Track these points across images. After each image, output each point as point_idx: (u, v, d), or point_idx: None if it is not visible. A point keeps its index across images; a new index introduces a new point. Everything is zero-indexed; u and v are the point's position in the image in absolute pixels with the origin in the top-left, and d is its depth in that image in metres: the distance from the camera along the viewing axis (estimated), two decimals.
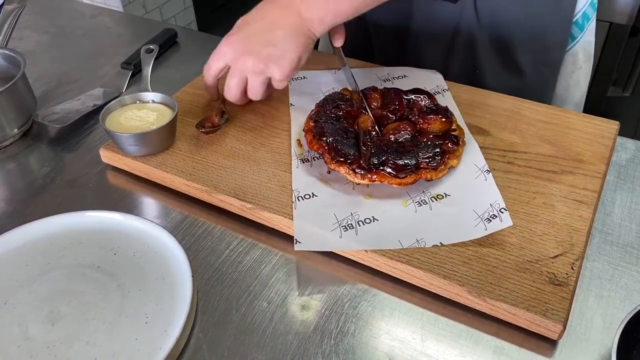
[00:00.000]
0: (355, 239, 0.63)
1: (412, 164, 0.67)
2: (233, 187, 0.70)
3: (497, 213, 0.64)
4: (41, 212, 0.71)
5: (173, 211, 0.71)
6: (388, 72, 0.88)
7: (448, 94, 0.83)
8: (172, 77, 0.97)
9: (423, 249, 0.61)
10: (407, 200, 0.67)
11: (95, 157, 0.79)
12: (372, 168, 0.67)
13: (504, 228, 0.62)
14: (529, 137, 0.76)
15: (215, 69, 0.76)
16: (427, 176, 0.67)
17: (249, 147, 0.76)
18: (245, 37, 0.73)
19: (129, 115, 0.75)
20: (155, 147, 0.74)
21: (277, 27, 0.72)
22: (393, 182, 0.67)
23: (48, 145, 0.83)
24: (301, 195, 0.68)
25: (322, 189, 0.69)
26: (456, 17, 0.90)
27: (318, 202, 0.68)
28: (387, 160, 0.67)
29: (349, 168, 0.68)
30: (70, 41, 1.09)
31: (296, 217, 0.65)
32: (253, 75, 0.73)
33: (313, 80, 0.89)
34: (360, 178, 0.68)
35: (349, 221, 0.65)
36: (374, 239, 0.62)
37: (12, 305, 0.59)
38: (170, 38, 1.04)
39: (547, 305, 0.55)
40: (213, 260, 0.65)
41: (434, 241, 0.61)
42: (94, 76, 0.98)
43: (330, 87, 0.86)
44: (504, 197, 0.67)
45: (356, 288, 0.61)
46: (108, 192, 0.75)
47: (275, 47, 0.71)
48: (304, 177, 0.71)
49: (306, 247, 0.63)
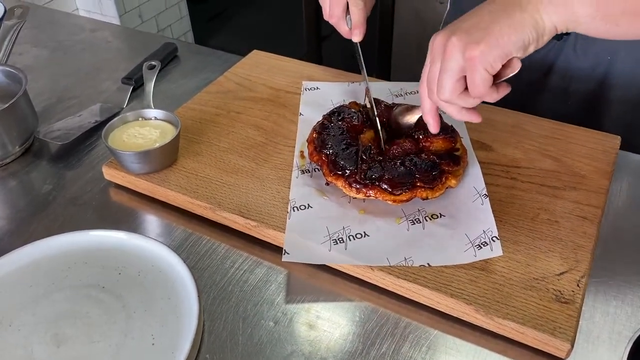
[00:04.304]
0: (343, 252, 0.63)
1: (408, 181, 0.67)
2: (237, 205, 0.70)
3: (488, 240, 0.64)
4: (44, 231, 0.71)
5: (177, 229, 0.71)
6: (402, 87, 0.89)
7: None
8: (173, 92, 0.96)
9: (431, 268, 0.61)
10: (401, 218, 0.67)
11: (97, 175, 0.79)
12: (369, 183, 0.67)
13: (492, 257, 0.62)
14: (532, 153, 0.77)
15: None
16: (423, 195, 0.67)
17: (252, 164, 0.76)
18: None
19: (132, 132, 0.75)
20: (159, 164, 0.74)
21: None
22: (388, 199, 0.67)
23: (49, 162, 0.83)
24: (297, 205, 0.69)
25: (318, 200, 0.70)
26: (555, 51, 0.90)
27: (312, 213, 0.68)
28: (384, 176, 0.67)
29: (345, 182, 0.68)
30: (70, 56, 1.08)
31: (288, 228, 0.66)
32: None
33: (325, 91, 0.89)
34: (356, 192, 0.68)
35: (339, 235, 0.65)
36: (362, 254, 0.63)
37: (16, 327, 0.58)
38: (171, 52, 1.04)
39: (555, 323, 0.55)
40: (218, 279, 0.65)
41: (422, 261, 0.62)
42: (95, 91, 0.97)
43: (341, 99, 0.86)
44: (508, 213, 0.67)
45: (363, 306, 0.61)
46: (111, 210, 0.75)
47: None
48: (302, 187, 0.71)
49: (294, 258, 0.63)
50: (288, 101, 0.89)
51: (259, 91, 0.91)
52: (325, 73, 0.95)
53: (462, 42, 0.55)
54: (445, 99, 0.59)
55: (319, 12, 0.96)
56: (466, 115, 0.61)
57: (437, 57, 0.58)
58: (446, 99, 0.59)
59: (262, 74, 0.95)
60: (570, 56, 0.90)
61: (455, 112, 0.61)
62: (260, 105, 0.88)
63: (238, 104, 0.88)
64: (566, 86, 0.93)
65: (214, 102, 0.89)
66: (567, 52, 0.90)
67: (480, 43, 0.54)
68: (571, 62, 0.91)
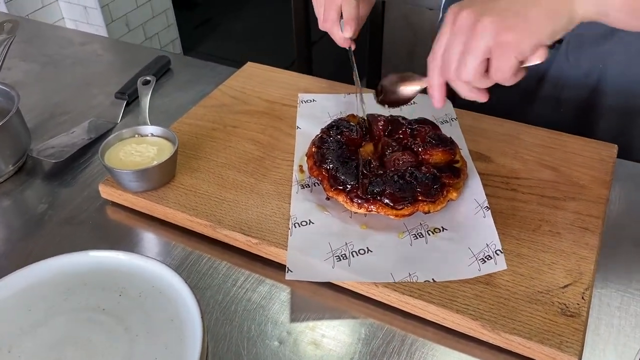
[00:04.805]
0: (347, 269, 0.63)
1: (410, 195, 0.67)
2: (237, 222, 0.69)
3: (492, 254, 0.64)
4: (40, 252, 0.70)
5: (176, 247, 0.70)
6: None
7: (456, 123, 0.83)
8: (168, 106, 0.96)
9: (436, 284, 0.60)
10: (403, 232, 0.67)
11: (93, 193, 0.78)
12: (370, 198, 0.67)
13: (497, 271, 0.62)
14: (530, 163, 0.77)
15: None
16: (425, 209, 0.67)
17: (251, 179, 0.75)
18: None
19: (128, 150, 0.74)
20: (157, 182, 0.73)
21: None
22: (390, 213, 0.67)
23: (43, 180, 0.81)
24: (298, 221, 0.68)
25: (319, 215, 0.69)
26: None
27: (314, 229, 0.67)
28: (385, 191, 0.67)
29: (346, 197, 0.68)
30: (61, 70, 1.07)
31: (290, 245, 0.65)
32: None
33: (321, 103, 0.89)
34: (357, 207, 0.68)
35: (342, 251, 0.65)
36: (366, 271, 0.62)
37: (16, 354, 0.57)
38: (164, 66, 1.03)
39: (561, 337, 0.55)
40: (221, 298, 0.64)
41: (427, 277, 0.61)
42: (88, 106, 0.96)
43: (338, 111, 0.86)
44: (510, 225, 0.67)
45: (368, 324, 0.61)
46: (108, 229, 0.74)
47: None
48: (302, 202, 0.71)
49: (297, 276, 0.62)
50: (284, 114, 0.88)
51: (254, 104, 0.90)
52: (321, 84, 0.95)
53: (495, 25, 0.53)
54: (465, 79, 0.57)
55: (308, 17, 0.95)
56: (475, 94, 0.59)
57: (460, 33, 0.55)
58: (466, 79, 0.57)
59: (256, 86, 0.94)
60: (563, 64, 0.90)
61: (465, 91, 0.59)
62: (256, 118, 0.87)
63: (234, 118, 0.87)
64: (558, 94, 0.93)
65: (210, 116, 0.88)
66: (560, 60, 0.90)
67: (516, 29, 0.52)
68: (564, 70, 0.91)
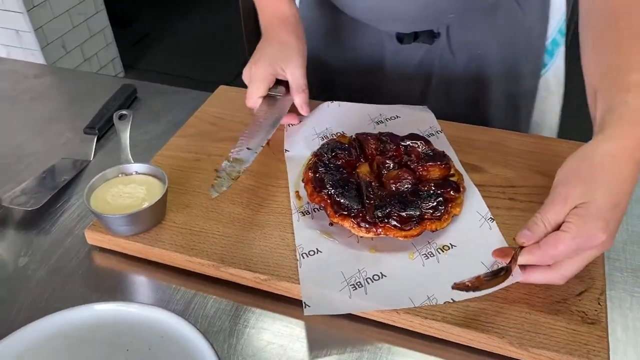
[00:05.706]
0: (365, 298, 0.61)
1: (417, 215, 0.66)
2: (242, 258, 0.66)
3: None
4: (30, 310, 0.65)
5: (177, 291, 0.67)
6: (380, 112, 0.87)
7: (442, 135, 0.83)
8: (142, 138, 0.91)
9: (456, 304, 0.60)
10: (413, 252, 0.66)
11: (77, 239, 0.73)
12: (377, 221, 0.66)
13: (512, 283, 0.61)
14: (521, 170, 0.78)
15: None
16: (432, 227, 0.67)
17: (248, 210, 0.73)
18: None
19: (116, 192, 0.70)
20: (150, 224, 0.69)
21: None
22: (399, 235, 0.66)
23: (19, 230, 0.75)
24: (305, 252, 0.66)
25: (326, 243, 0.67)
26: (431, 56, 0.91)
27: (323, 258, 0.65)
28: (392, 213, 0.66)
29: (353, 222, 0.67)
30: (19, 107, 1.00)
31: (303, 279, 0.63)
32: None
33: (305, 120, 0.87)
34: (365, 232, 0.66)
35: (357, 279, 0.63)
36: (384, 298, 0.61)
37: None
38: (130, 95, 0.99)
39: (587, 346, 0.56)
40: (234, 342, 0.61)
41: (446, 298, 0.61)
42: (55, 145, 0.90)
43: (324, 127, 0.84)
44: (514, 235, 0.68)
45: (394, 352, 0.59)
46: (100, 277, 0.69)
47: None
48: (305, 230, 0.69)
49: (316, 311, 0.60)
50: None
51: (235, 130, 0.87)
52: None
53: (607, 240, 0.57)
54: (565, 275, 0.60)
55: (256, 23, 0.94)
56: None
57: (585, 247, 0.58)
58: (565, 275, 0.60)
59: (234, 111, 0.91)
60: (449, 60, 0.93)
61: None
62: None
63: (217, 146, 0.84)
64: (448, 89, 0.96)
65: (191, 146, 0.84)
66: (445, 56, 0.93)
67: (613, 235, 0.58)
68: (450, 65, 0.94)
